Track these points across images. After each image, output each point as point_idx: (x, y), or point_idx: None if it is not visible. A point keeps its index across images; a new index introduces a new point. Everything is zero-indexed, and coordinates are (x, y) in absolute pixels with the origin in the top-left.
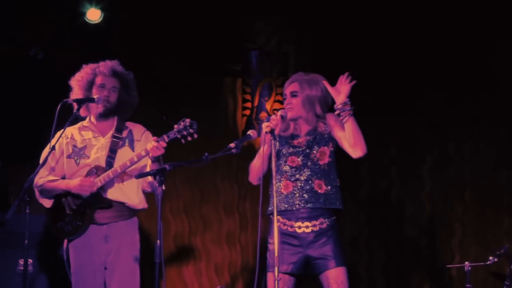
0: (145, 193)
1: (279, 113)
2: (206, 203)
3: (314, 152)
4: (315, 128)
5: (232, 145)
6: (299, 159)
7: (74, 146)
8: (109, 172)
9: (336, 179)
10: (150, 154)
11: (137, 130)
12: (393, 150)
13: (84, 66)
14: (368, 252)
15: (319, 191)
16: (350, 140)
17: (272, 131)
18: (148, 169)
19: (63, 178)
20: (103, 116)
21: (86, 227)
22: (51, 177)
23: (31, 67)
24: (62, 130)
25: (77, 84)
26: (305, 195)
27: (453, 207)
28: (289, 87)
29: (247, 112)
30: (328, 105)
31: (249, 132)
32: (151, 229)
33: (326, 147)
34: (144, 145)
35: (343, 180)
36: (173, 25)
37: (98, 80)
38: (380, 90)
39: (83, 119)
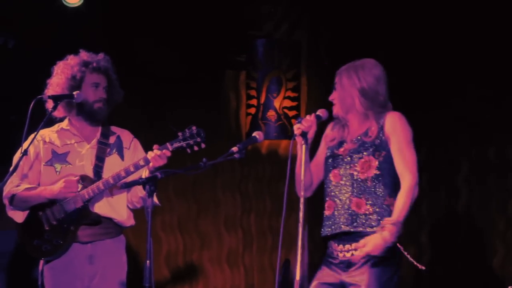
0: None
1: (315, 113)
2: (204, 217)
3: (355, 162)
4: (367, 131)
5: (234, 149)
6: (340, 172)
7: (54, 151)
8: (100, 184)
9: (386, 197)
10: (151, 164)
11: (126, 136)
12: (423, 154)
13: (70, 57)
14: None
15: (358, 211)
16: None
17: (304, 134)
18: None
19: None
20: (98, 121)
21: (68, 246)
22: (27, 185)
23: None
24: (35, 132)
25: (61, 77)
26: (342, 217)
27: (494, 222)
28: (336, 77)
29: (252, 110)
30: (377, 98)
31: (255, 134)
32: (139, 248)
33: (372, 156)
34: (133, 155)
35: None
36: (166, 9)
37: (91, 78)
38: (408, 84)
39: (60, 121)
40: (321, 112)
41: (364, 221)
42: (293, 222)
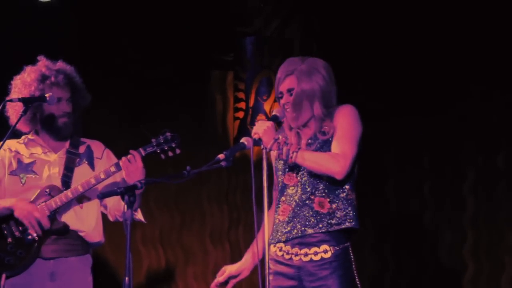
0: (109, 222)
1: (273, 112)
2: (188, 230)
3: None
4: (318, 131)
5: (221, 156)
6: (297, 175)
7: (20, 161)
8: (68, 192)
9: (349, 191)
10: (124, 172)
11: (97, 146)
12: (426, 162)
13: (27, 69)
14: None
15: (321, 210)
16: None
17: (259, 140)
18: None
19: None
20: (64, 136)
21: (32, 260)
22: None
23: None
24: (3, 141)
25: (19, 92)
26: (304, 219)
27: (503, 235)
28: (285, 82)
29: (240, 114)
30: (331, 99)
31: (243, 140)
32: (118, 263)
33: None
34: (106, 165)
35: (362, 202)
36: (146, 4)
37: (52, 93)
38: (408, 86)
39: (23, 134)
40: (277, 111)
41: (329, 220)
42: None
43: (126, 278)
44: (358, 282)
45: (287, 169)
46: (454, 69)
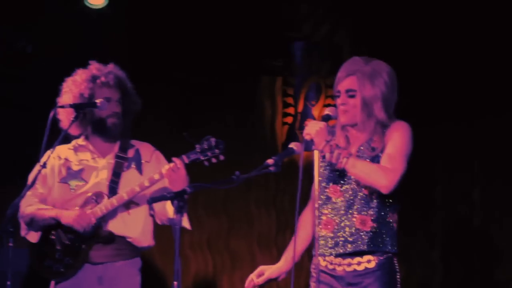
0: (157, 225)
1: (326, 112)
2: (236, 235)
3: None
4: (369, 142)
5: (270, 161)
6: (341, 188)
7: (69, 168)
8: (113, 200)
9: (390, 213)
10: (167, 182)
11: (146, 149)
12: (476, 166)
13: (78, 72)
14: None
15: (363, 228)
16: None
17: (311, 140)
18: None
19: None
20: (113, 136)
21: (79, 266)
22: (40, 205)
23: (16, 63)
24: (51, 149)
25: (69, 96)
26: (346, 235)
27: None
28: (345, 82)
29: (289, 119)
30: (391, 107)
31: (291, 145)
32: (166, 268)
33: None
34: (156, 168)
35: (410, 206)
36: (196, 11)
37: (101, 93)
38: (459, 90)
39: (76, 138)
40: (330, 110)
41: (370, 239)
42: None
43: (175, 283)
44: None
45: (331, 182)
46: (505, 72)
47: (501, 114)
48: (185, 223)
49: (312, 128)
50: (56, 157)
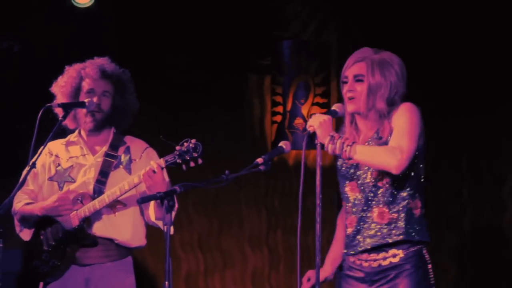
0: (144, 227)
1: (332, 107)
2: (227, 234)
3: (367, 169)
4: (378, 131)
5: (259, 160)
6: (357, 184)
7: (59, 165)
8: (95, 202)
9: (410, 201)
10: (146, 184)
11: (137, 146)
12: (464, 165)
13: (67, 68)
14: None
15: (381, 221)
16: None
17: (314, 134)
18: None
19: None
20: (94, 129)
21: (65, 268)
22: (26, 200)
23: (4, 63)
24: (44, 145)
25: (60, 91)
26: (367, 231)
27: None
28: (353, 67)
29: (278, 118)
30: (398, 97)
31: (281, 144)
32: (157, 268)
33: None
34: (144, 166)
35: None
36: (184, 9)
37: (86, 85)
38: (447, 90)
39: (72, 131)
40: (337, 106)
41: (390, 231)
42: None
43: (166, 283)
44: (432, 282)
45: (347, 180)
46: (495, 71)
47: (491, 112)
48: (160, 223)
49: (315, 120)
50: (48, 153)
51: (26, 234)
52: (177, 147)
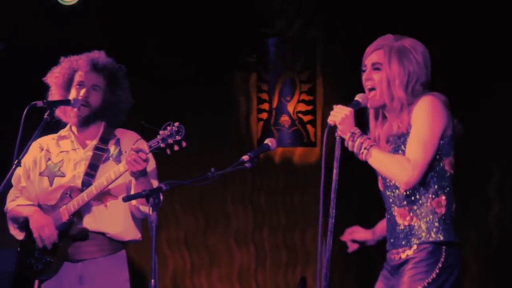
0: (139, 219)
1: (356, 98)
2: (213, 232)
3: None
4: (398, 125)
5: (245, 157)
6: (383, 181)
7: (49, 160)
8: (84, 195)
9: (429, 200)
10: (129, 170)
11: (127, 138)
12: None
13: (62, 59)
14: None
15: (403, 223)
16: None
17: (335, 127)
18: (133, 190)
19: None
20: (79, 124)
21: (59, 265)
22: (21, 201)
23: None
24: (31, 140)
25: (53, 82)
26: (389, 231)
27: None
28: (372, 55)
29: (264, 115)
30: (419, 87)
31: (267, 141)
32: (143, 265)
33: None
34: None
35: None
36: (170, 7)
37: (77, 77)
38: (431, 85)
39: (65, 126)
40: (360, 97)
41: (410, 234)
42: (310, 237)
43: (152, 281)
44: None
45: (377, 174)
46: (478, 66)
47: (474, 107)
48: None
49: (337, 115)
50: (39, 148)
51: (19, 234)
52: (161, 132)
